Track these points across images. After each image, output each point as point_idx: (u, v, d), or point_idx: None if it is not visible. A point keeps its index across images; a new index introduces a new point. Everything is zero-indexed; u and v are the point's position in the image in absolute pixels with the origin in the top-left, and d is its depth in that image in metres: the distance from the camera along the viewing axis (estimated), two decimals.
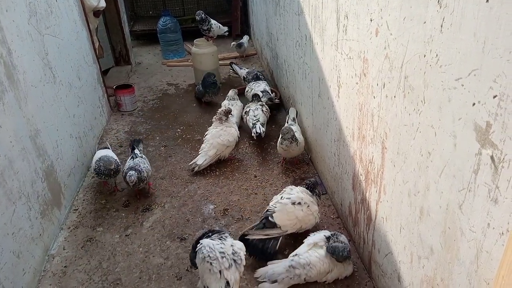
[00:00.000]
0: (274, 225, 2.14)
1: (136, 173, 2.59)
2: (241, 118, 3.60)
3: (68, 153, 2.83)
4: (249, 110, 3.44)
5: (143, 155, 2.89)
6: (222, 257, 1.77)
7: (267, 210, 2.22)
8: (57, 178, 2.60)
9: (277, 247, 2.08)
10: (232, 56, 5.54)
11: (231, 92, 3.78)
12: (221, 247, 1.80)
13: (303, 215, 2.18)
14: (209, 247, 1.80)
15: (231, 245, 1.85)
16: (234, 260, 1.81)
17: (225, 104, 3.66)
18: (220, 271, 1.75)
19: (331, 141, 2.49)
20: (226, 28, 4.65)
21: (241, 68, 4.50)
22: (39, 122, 2.43)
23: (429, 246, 1.44)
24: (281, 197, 2.28)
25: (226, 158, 3.13)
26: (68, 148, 2.84)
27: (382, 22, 1.56)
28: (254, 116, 3.36)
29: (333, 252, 1.99)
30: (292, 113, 3.26)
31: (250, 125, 3.34)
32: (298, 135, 2.91)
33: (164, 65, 5.46)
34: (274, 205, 2.20)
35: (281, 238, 2.12)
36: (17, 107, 2.19)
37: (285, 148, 2.84)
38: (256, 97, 3.54)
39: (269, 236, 2.02)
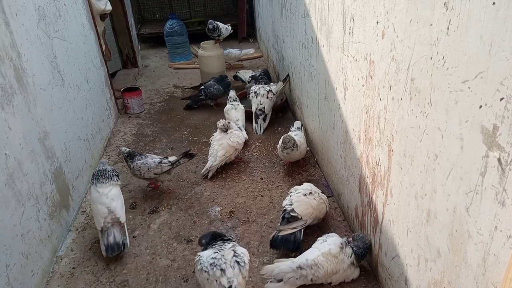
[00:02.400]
0: (296, 218, 2.26)
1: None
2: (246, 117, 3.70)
3: (76, 155, 2.86)
4: (258, 94, 3.61)
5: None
6: (213, 268, 1.79)
7: (284, 210, 2.31)
8: (65, 180, 2.63)
9: (302, 237, 2.23)
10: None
11: (232, 93, 3.79)
12: (213, 257, 1.83)
13: (317, 204, 2.31)
14: (204, 259, 1.84)
15: (233, 250, 1.87)
16: (237, 262, 1.83)
17: (227, 110, 3.64)
18: (216, 280, 1.78)
19: (337, 143, 2.49)
20: (229, 27, 4.66)
21: (243, 75, 4.56)
22: (47, 124, 2.46)
23: (436, 249, 1.43)
24: (291, 196, 2.38)
25: (232, 160, 3.14)
26: (76, 150, 2.87)
27: (389, 25, 1.56)
28: (260, 103, 3.55)
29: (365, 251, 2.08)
30: (297, 124, 3.31)
31: (254, 109, 3.58)
32: (298, 138, 2.94)
33: (171, 67, 5.50)
34: (290, 203, 2.30)
35: (303, 229, 2.26)
36: (26, 110, 2.22)
37: (286, 156, 2.92)
38: (263, 76, 3.85)
39: (296, 229, 2.18)
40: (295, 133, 3.03)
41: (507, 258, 1.05)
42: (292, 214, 2.25)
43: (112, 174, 2.45)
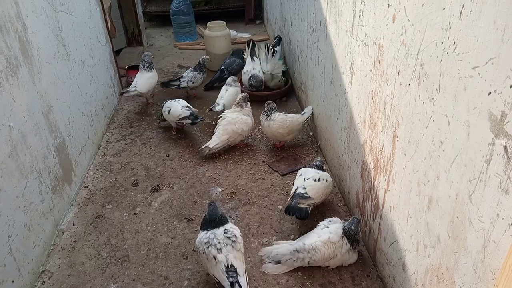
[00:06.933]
0: (309, 198, 2.38)
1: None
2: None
3: (79, 130, 2.86)
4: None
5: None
6: (208, 247, 1.89)
7: (298, 194, 2.35)
8: (68, 155, 2.64)
9: (309, 212, 2.37)
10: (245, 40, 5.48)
11: (230, 79, 3.67)
12: (206, 237, 1.92)
13: (324, 188, 2.43)
14: (199, 241, 1.95)
15: (224, 228, 1.96)
16: (229, 238, 1.92)
17: (223, 93, 3.57)
18: (214, 257, 1.87)
19: (341, 128, 2.48)
20: None
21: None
22: (52, 98, 2.45)
23: (436, 236, 1.44)
24: (303, 178, 2.43)
25: (235, 144, 3.14)
26: (79, 126, 2.87)
27: (400, 8, 1.53)
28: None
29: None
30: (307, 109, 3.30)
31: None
32: (284, 117, 2.99)
33: (176, 47, 5.45)
34: (304, 187, 2.38)
35: (311, 207, 2.40)
36: (31, 83, 2.21)
37: (265, 128, 3.01)
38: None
39: (308, 205, 2.34)
40: (290, 115, 3.07)
41: (507, 245, 1.05)
42: (306, 195, 2.33)
43: (147, 65, 3.75)
